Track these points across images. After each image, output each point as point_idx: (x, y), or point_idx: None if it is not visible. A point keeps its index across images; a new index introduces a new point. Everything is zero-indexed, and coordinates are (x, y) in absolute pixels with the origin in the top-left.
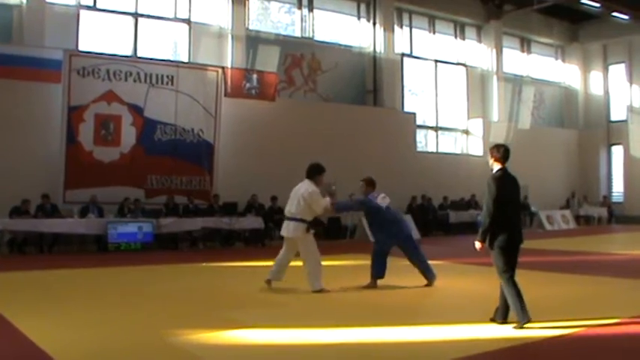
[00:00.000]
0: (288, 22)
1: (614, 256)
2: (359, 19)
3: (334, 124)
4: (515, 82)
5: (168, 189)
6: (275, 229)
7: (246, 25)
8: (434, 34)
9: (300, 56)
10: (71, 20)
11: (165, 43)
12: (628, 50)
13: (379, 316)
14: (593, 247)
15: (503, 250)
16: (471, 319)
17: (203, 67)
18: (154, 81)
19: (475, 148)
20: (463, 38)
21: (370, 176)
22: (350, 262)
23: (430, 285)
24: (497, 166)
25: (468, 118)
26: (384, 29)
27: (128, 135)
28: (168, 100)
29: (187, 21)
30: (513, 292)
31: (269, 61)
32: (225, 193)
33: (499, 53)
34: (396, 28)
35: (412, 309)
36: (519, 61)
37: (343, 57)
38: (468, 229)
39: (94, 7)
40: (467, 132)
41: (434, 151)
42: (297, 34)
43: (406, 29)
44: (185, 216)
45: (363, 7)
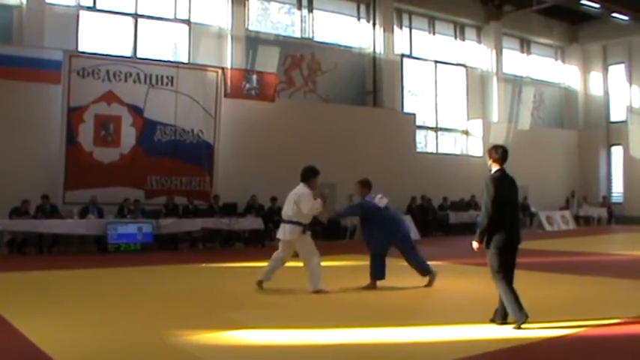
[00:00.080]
0: (287, 23)
1: (614, 257)
2: (359, 19)
3: (334, 124)
4: (515, 83)
5: (168, 190)
6: (275, 230)
7: (246, 25)
8: (434, 34)
9: (300, 57)
10: (71, 21)
11: (165, 44)
12: (628, 51)
13: (379, 317)
14: (593, 247)
15: (500, 250)
16: (471, 320)
17: (203, 68)
18: (154, 82)
19: (475, 148)
20: (463, 39)
21: (366, 178)
22: (349, 263)
23: (431, 284)
24: (495, 167)
25: (468, 119)
26: (384, 30)
27: (128, 136)
28: (168, 100)
29: (187, 22)
30: (507, 292)
31: (269, 61)
32: (225, 193)
33: (499, 54)
34: (395, 28)
35: (412, 310)
36: (519, 61)
37: (343, 58)
38: (468, 229)
39: (93, 8)
40: (467, 133)
41: (434, 151)
42: (297, 35)
43: (406, 30)
44: (185, 217)
45: (362, 7)
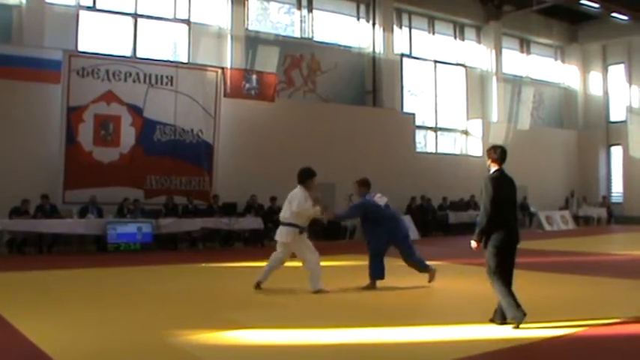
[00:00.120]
0: (287, 23)
1: (614, 257)
2: (358, 19)
3: (334, 124)
4: (515, 83)
5: (167, 189)
6: (274, 230)
7: (246, 25)
8: (433, 34)
9: (300, 57)
10: (71, 21)
11: (164, 44)
12: (627, 51)
13: (379, 317)
14: (593, 247)
15: (497, 249)
16: (471, 320)
17: (202, 68)
18: (154, 81)
19: (474, 148)
20: (462, 39)
21: (364, 177)
22: (349, 263)
23: (432, 278)
24: (494, 167)
25: (468, 119)
26: (384, 30)
27: (127, 135)
28: (168, 100)
29: (187, 21)
30: (504, 291)
31: (268, 61)
32: (225, 193)
33: (498, 54)
34: (395, 28)
35: (411, 310)
36: (519, 61)
37: (342, 57)
38: (468, 229)
39: (93, 8)
40: (466, 132)
41: (433, 151)
42: (297, 35)
43: (405, 30)
44: (184, 216)
45: (362, 7)
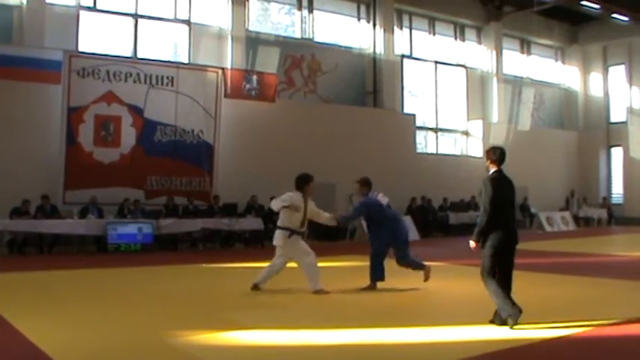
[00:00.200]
0: (288, 23)
1: (614, 258)
2: (359, 20)
3: (334, 125)
4: (515, 84)
5: (168, 190)
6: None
7: (246, 26)
8: (434, 35)
9: (300, 57)
10: (71, 21)
11: (165, 44)
12: (628, 52)
13: (379, 318)
14: (593, 248)
15: (495, 249)
16: (471, 321)
17: (203, 68)
18: (154, 82)
19: (475, 149)
20: (463, 40)
21: (365, 176)
22: (350, 264)
23: (428, 274)
24: (493, 168)
25: (468, 120)
26: (384, 30)
27: (128, 136)
28: (168, 101)
29: (187, 22)
30: (497, 291)
31: (269, 62)
32: (225, 194)
33: (499, 55)
34: (395, 29)
35: (411, 311)
36: (519, 62)
37: (343, 58)
38: (468, 230)
39: (93, 8)
40: (467, 133)
41: (434, 152)
42: (297, 36)
43: (406, 30)
44: (185, 217)
45: (362, 8)
